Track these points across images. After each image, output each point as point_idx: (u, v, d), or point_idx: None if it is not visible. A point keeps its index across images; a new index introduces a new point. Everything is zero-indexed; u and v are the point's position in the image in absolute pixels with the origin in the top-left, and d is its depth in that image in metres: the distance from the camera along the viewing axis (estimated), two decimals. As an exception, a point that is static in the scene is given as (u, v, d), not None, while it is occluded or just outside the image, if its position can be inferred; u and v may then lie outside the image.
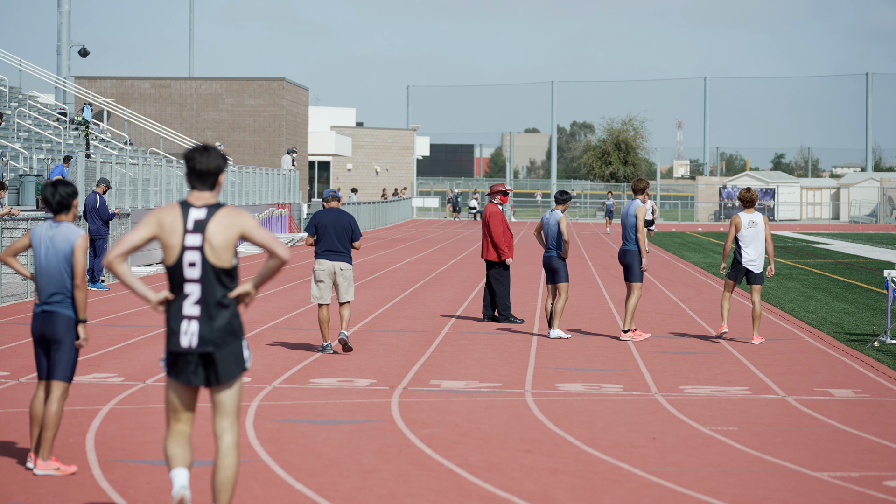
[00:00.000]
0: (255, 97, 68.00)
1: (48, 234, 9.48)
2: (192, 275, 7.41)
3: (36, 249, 9.52)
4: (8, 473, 9.58)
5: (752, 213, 18.12)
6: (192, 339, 7.38)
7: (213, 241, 7.40)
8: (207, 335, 7.39)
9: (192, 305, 7.40)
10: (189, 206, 7.47)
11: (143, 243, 7.49)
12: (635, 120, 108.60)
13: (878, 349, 17.65)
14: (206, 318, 7.39)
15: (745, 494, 9.35)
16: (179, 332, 7.39)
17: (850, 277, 32.42)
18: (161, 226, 7.46)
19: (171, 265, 7.44)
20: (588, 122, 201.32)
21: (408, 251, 44.21)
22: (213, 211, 7.46)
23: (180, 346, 7.39)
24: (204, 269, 7.41)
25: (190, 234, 7.40)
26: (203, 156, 7.48)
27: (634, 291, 18.47)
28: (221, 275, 7.43)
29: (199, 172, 7.49)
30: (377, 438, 11.10)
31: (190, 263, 7.40)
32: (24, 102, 47.40)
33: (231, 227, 7.43)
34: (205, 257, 7.40)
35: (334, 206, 16.67)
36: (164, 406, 8.14)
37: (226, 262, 7.44)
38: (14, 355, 15.98)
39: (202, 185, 7.51)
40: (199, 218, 7.44)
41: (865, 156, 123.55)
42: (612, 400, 13.42)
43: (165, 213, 7.47)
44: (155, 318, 20.57)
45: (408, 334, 18.98)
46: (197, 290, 7.41)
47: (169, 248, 7.43)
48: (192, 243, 7.40)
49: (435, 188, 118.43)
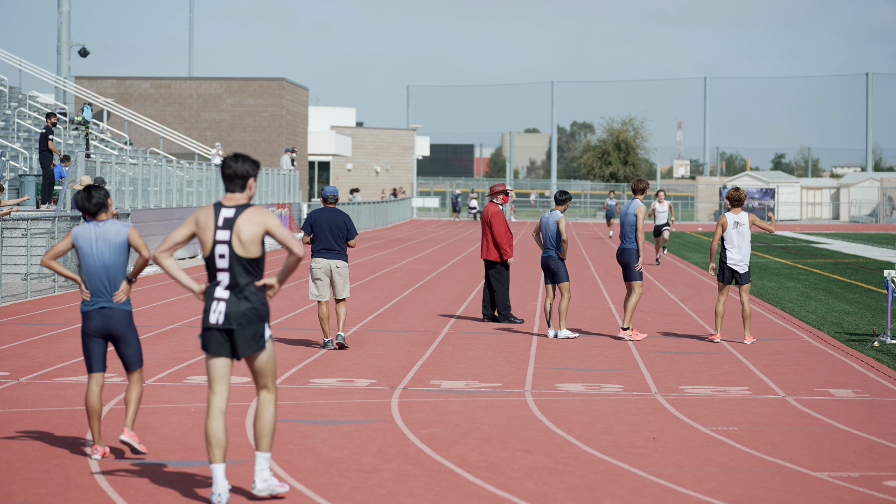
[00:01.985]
0: (255, 97, 68.01)
1: (95, 234, 10.00)
2: (222, 265, 8.67)
3: (85, 250, 9.99)
4: (8, 473, 9.58)
5: (738, 214, 18.13)
6: (219, 317, 8.65)
7: (242, 235, 8.62)
8: (233, 315, 8.62)
9: (223, 290, 8.69)
10: (221, 206, 8.73)
11: (184, 240, 8.77)
12: (635, 120, 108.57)
13: (878, 349, 17.65)
14: (233, 301, 8.65)
15: (745, 494, 9.36)
16: (210, 311, 8.67)
17: (850, 277, 32.42)
18: (198, 223, 8.73)
19: (206, 256, 8.71)
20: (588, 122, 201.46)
21: (408, 251, 44.21)
22: (240, 210, 8.68)
23: (209, 322, 8.66)
24: (231, 259, 8.63)
25: (220, 230, 8.65)
26: (234, 161, 8.72)
27: (635, 290, 18.48)
28: (247, 264, 8.66)
29: (228, 176, 8.73)
30: (377, 438, 11.11)
31: (220, 255, 8.66)
32: (24, 102, 47.39)
33: (257, 224, 8.65)
34: (232, 250, 8.62)
35: (330, 206, 17.08)
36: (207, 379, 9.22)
37: (252, 254, 8.64)
38: (14, 355, 15.97)
39: (233, 187, 8.75)
40: (228, 216, 8.67)
41: (865, 156, 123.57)
42: (612, 400, 13.43)
43: (201, 213, 8.75)
44: (155, 318, 20.59)
45: (408, 334, 18.99)
46: (226, 277, 8.67)
47: (204, 242, 8.70)
48: (221, 238, 8.64)
49: (435, 188, 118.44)
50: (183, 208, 38.42)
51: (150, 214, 34.71)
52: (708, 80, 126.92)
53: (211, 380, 8.70)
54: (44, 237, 25.26)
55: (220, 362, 8.70)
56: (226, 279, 8.68)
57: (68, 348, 16.56)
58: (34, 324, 19.63)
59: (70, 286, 25.31)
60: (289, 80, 69.22)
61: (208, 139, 65.96)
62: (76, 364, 15.28)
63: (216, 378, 8.69)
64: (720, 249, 18.26)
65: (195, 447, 10.57)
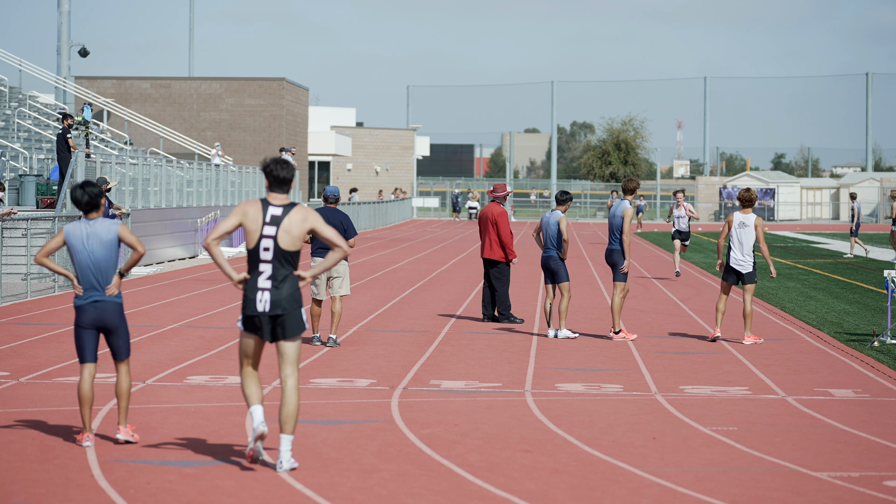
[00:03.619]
0: (255, 97, 68.01)
1: (86, 232, 10.48)
2: (265, 256, 9.65)
3: (77, 247, 10.47)
4: (8, 473, 9.58)
5: (746, 214, 18.16)
6: (266, 305, 9.61)
7: (292, 232, 9.66)
8: (278, 302, 9.61)
9: (265, 280, 9.65)
10: (268, 203, 9.73)
11: (233, 229, 9.69)
12: (635, 120, 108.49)
13: (878, 349, 17.65)
14: (275, 290, 9.63)
15: (745, 494, 9.36)
16: (255, 300, 9.63)
17: (850, 277, 32.42)
18: (246, 215, 9.69)
19: (251, 249, 9.67)
20: (588, 122, 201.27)
21: (408, 251, 44.21)
22: (287, 209, 9.71)
23: (256, 311, 9.63)
24: (275, 252, 9.63)
25: (267, 225, 9.65)
26: (283, 169, 9.77)
27: (617, 291, 18.49)
28: (289, 257, 9.67)
29: (278, 179, 9.75)
30: (377, 438, 11.11)
31: (265, 248, 9.64)
32: (24, 102, 47.39)
33: (306, 222, 9.71)
34: (277, 244, 9.62)
35: (331, 206, 17.54)
36: (238, 356, 10.28)
37: (294, 248, 9.68)
38: (14, 355, 15.97)
39: (280, 189, 9.76)
40: (275, 214, 9.68)
41: (865, 156, 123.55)
42: (612, 400, 13.43)
43: (250, 207, 9.73)
44: (155, 318, 20.59)
45: (408, 334, 18.99)
46: (269, 268, 9.65)
47: (250, 234, 9.66)
48: (268, 233, 9.63)
49: (435, 188, 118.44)
50: (183, 208, 38.43)
51: (150, 214, 34.71)
52: (708, 80, 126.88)
53: (243, 354, 9.80)
54: (44, 237, 25.26)
55: (252, 340, 9.77)
56: (268, 270, 9.65)
57: (68, 348, 16.55)
58: (34, 324, 19.63)
59: (70, 286, 25.32)
60: (289, 80, 69.22)
61: (208, 139, 65.97)
62: (76, 364, 15.27)
63: (249, 353, 9.80)
64: (727, 249, 18.34)
65: (195, 447, 10.57)
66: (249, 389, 9.83)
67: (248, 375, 9.85)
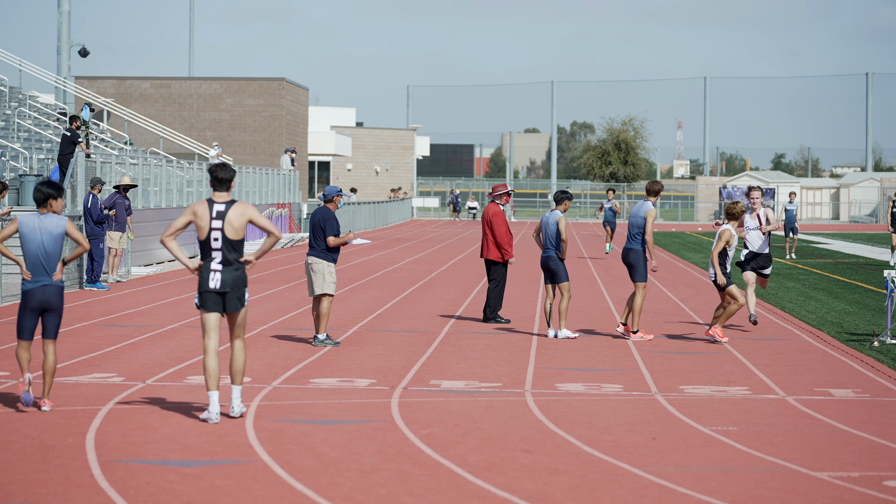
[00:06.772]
0: (255, 97, 68.01)
1: (38, 224, 12.19)
2: (216, 245, 11.62)
3: (31, 236, 12.17)
4: (8, 473, 9.58)
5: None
6: (216, 283, 11.64)
7: (234, 224, 11.57)
8: (227, 281, 11.62)
9: (217, 264, 11.63)
10: (213, 202, 11.66)
11: (183, 227, 11.66)
12: (635, 120, 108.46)
13: (878, 349, 17.65)
14: (225, 271, 11.61)
15: (745, 494, 9.36)
16: (208, 279, 11.61)
17: (850, 277, 32.42)
18: (195, 214, 11.60)
19: (203, 240, 11.60)
20: (588, 122, 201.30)
21: (408, 251, 44.21)
22: (229, 205, 11.64)
23: (209, 286, 11.59)
24: (223, 241, 11.59)
25: (214, 220, 11.59)
26: (222, 170, 11.69)
27: (639, 291, 18.46)
28: (234, 245, 11.64)
29: (219, 180, 11.72)
30: (377, 438, 11.11)
31: (214, 238, 11.59)
32: (24, 102, 47.38)
33: (244, 215, 11.61)
34: (224, 234, 11.57)
35: (323, 206, 17.74)
36: (201, 332, 12.06)
37: (238, 237, 11.61)
38: (14, 355, 15.96)
39: (221, 188, 11.73)
40: (220, 210, 11.60)
41: (865, 156, 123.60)
42: (612, 400, 13.43)
43: (198, 206, 11.60)
44: (155, 318, 20.60)
45: (408, 334, 18.99)
46: (219, 254, 11.63)
47: (201, 229, 11.58)
48: (215, 226, 11.59)
49: (435, 188, 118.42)
50: (183, 208, 38.42)
51: (150, 214, 34.71)
52: (708, 80, 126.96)
53: (206, 329, 11.66)
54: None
55: (213, 316, 11.70)
56: (219, 256, 11.62)
57: (68, 348, 16.56)
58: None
59: (70, 286, 25.34)
60: (289, 80, 69.22)
61: (208, 139, 65.96)
62: (76, 364, 15.29)
63: (210, 328, 11.67)
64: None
65: (195, 447, 10.58)
66: (211, 369, 11.61)
67: (210, 351, 11.62)
